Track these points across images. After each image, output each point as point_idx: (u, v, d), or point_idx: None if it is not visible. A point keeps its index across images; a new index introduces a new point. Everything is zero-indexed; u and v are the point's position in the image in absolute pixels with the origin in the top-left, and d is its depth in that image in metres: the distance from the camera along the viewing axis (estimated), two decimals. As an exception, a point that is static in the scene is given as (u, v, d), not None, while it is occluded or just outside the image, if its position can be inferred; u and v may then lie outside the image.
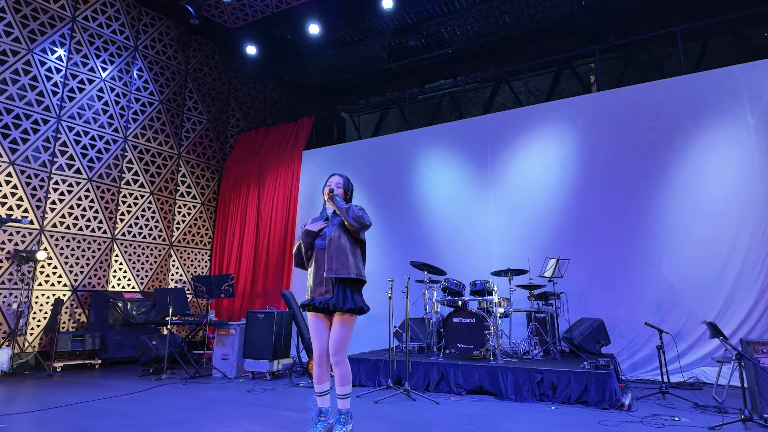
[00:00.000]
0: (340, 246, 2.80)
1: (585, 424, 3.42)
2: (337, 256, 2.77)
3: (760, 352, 3.33)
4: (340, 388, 2.72)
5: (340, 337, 2.70)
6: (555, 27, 8.82)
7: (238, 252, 8.64)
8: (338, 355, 2.70)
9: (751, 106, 5.44)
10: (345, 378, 2.71)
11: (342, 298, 2.74)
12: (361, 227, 2.84)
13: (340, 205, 2.86)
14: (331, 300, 2.76)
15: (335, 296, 2.76)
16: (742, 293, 5.12)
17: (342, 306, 2.72)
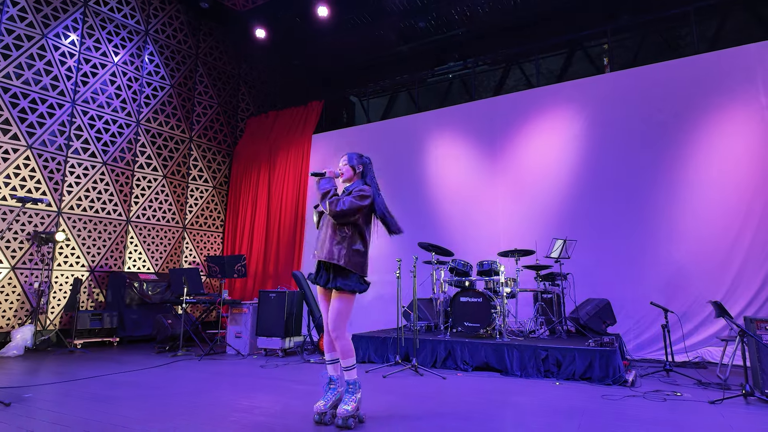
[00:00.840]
0: (327, 233, 2.84)
1: (588, 398, 3.50)
2: (324, 241, 2.83)
3: (763, 329, 3.37)
4: (343, 361, 2.81)
5: (335, 312, 2.78)
6: (568, 7, 8.67)
7: (250, 234, 8.79)
8: (336, 330, 2.78)
9: (765, 85, 5.37)
10: (345, 352, 2.80)
11: (326, 278, 2.81)
12: (335, 216, 2.76)
13: (320, 188, 2.84)
14: (317, 278, 2.86)
15: (322, 275, 2.84)
16: (749, 274, 5.13)
17: (325, 285, 2.81)
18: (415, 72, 11.31)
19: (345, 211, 2.74)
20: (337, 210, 2.74)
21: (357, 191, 2.84)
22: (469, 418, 2.96)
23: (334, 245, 2.78)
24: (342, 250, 2.77)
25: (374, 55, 10.56)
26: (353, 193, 2.83)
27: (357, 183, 2.96)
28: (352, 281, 2.77)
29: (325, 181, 2.86)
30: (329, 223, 2.85)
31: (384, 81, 11.49)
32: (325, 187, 2.82)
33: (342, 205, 2.74)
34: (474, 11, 9.11)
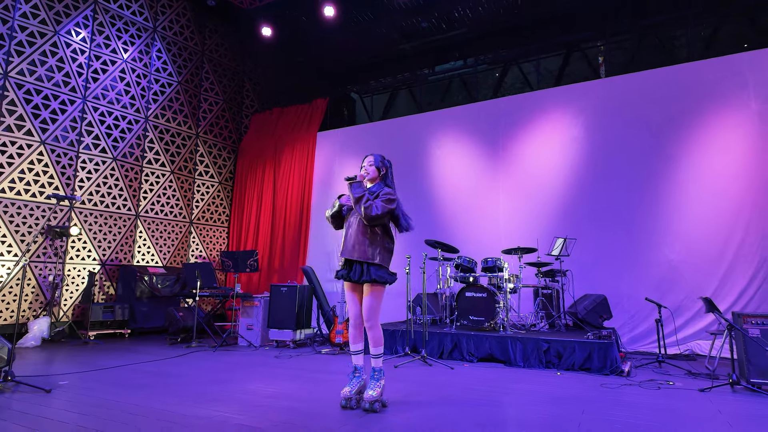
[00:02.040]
0: (357, 233, 3.04)
1: (588, 386, 3.78)
2: (355, 241, 3.03)
3: (749, 323, 3.65)
4: (373, 349, 3.05)
5: (368, 305, 3.01)
6: (567, 8, 8.89)
7: (255, 229, 8.98)
8: (369, 320, 3.02)
9: (756, 92, 5.65)
10: (376, 340, 3.04)
11: (359, 272, 3.02)
12: (368, 219, 2.96)
13: (354, 193, 3.02)
14: (351, 274, 3.06)
15: (353, 271, 3.05)
16: (738, 272, 5.43)
17: (358, 279, 3.02)
18: (416, 70, 11.52)
19: (379, 215, 2.95)
20: (372, 214, 2.95)
21: (384, 195, 3.04)
22: (480, 404, 3.22)
23: (368, 246, 2.99)
24: (376, 249, 3.00)
25: (376, 53, 10.71)
26: (380, 196, 3.03)
27: (379, 185, 3.17)
28: (385, 273, 3.00)
29: (357, 187, 3.05)
30: (359, 224, 3.05)
31: (385, 79, 11.67)
32: (359, 192, 3.02)
33: (376, 210, 2.95)
34: (475, 12, 9.29)
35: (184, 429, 2.58)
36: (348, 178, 3.09)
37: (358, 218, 3.08)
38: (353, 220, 3.11)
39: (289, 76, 10.92)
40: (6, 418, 2.76)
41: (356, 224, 3.07)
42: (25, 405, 3.05)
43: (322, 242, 8.28)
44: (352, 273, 3.05)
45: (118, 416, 2.82)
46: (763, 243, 5.37)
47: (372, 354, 3.06)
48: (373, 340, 3.04)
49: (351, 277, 3.06)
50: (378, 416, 2.87)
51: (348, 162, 8.37)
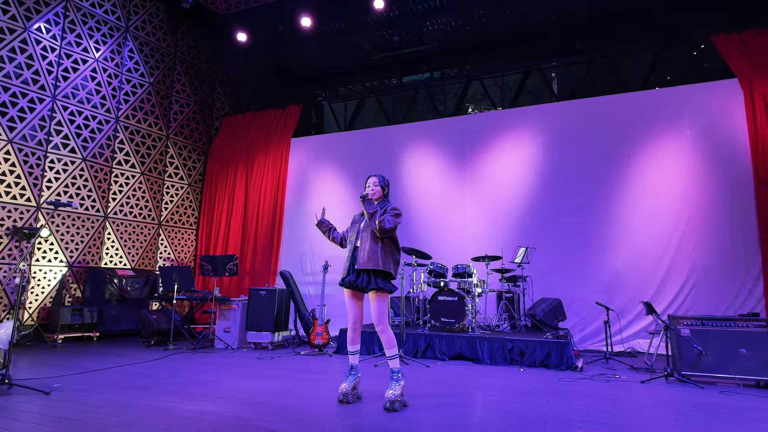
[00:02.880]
0: (370, 244, 3.35)
1: (549, 380, 4.29)
2: (369, 252, 3.33)
3: (681, 325, 4.29)
4: (388, 351, 3.35)
5: (377, 310, 3.33)
6: (528, 31, 9.56)
7: (226, 233, 9.05)
8: (380, 324, 3.34)
9: (690, 121, 6.46)
10: (389, 343, 3.34)
11: (366, 281, 3.35)
12: (381, 232, 3.29)
13: (368, 209, 3.35)
14: (358, 280, 3.37)
15: (361, 279, 3.36)
16: (673, 278, 6.19)
17: (366, 287, 3.35)
18: (384, 80, 11.94)
19: (391, 228, 3.29)
20: (386, 227, 3.27)
21: (391, 210, 3.38)
22: (461, 396, 3.63)
23: (380, 256, 3.30)
24: (387, 259, 3.33)
25: (348, 62, 11.03)
26: (389, 211, 3.37)
27: (383, 202, 3.50)
28: (389, 283, 3.34)
29: (370, 204, 3.37)
30: (372, 237, 3.37)
31: (355, 86, 12.01)
32: (372, 208, 3.34)
33: (389, 224, 3.28)
34: (444, 28, 9.81)
35: (198, 423, 2.81)
36: (363, 197, 3.40)
37: (369, 232, 3.39)
38: (365, 235, 3.40)
39: (261, 81, 11.02)
40: (21, 419, 2.88)
41: (369, 238, 3.38)
42: (33, 407, 3.16)
43: (294, 246, 8.49)
44: (359, 280, 3.35)
45: (130, 414, 3.00)
46: (694, 254, 6.15)
47: (388, 356, 3.34)
48: (387, 343, 3.33)
49: (359, 285, 3.36)
50: (377, 411, 3.21)
51: (322, 169, 8.64)
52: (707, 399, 3.63)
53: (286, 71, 11.44)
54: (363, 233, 3.45)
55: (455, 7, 8.73)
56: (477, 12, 9.00)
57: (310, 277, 8.17)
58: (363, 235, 3.44)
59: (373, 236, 3.39)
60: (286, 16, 8.78)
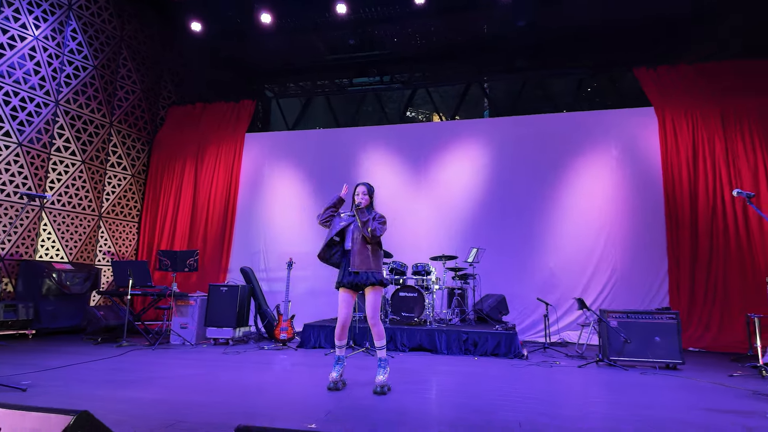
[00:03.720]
0: (361, 249, 3.65)
1: (502, 367, 4.83)
2: (359, 255, 3.63)
3: (611, 317, 5.03)
4: (378, 342, 3.66)
5: (372, 305, 3.64)
6: (474, 47, 10.25)
7: (172, 227, 8.78)
8: (373, 318, 3.65)
9: (615, 142, 7.41)
10: (379, 335, 3.66)
11: (365, 278, 3.64)
12: (373, 239, 3.67)
13: (362, 218, 3.66)
14: (357, 279, 3.65)
15: (359, 277, 3.65)
16: (598, 278, 7.09)
17: (365, 282, 3.64)
18: (335, 80, 12.15)
19: (380, 234, 3.65)
20: (378, 234, 3.62)
21: (379, 217, 3.72)
22: (431, 382, 4.04)
23: (371, 259, 3.62)
24: (377, 260, 3.67)
25: (302, 60, 11.09)
26: (377, 218, 3.70)
27: (370, 209, 3.79)
28: (382, 277, 3.68)
29: (362, 213, 3.68)
30: (362, 242, 3.66)
31: (305, 83, 12.10)
32: (366, 217, 3.65)
33: (379, 231, 3.63)
34: (399, 37, 10.24)
35: (206, 409, 2.95)
36: (358, 207, 3.70)
37: (360, 237, 3.67)
38: (356, 240, 3.68)
39: (212, 72, 10.74)
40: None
41: (360, 243, 3.66)
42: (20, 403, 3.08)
43: (248, 243, 8.48)
44: (357, 278, 3.63)
45: (129, 408, 3.05)
46: (615, 257, 7.10)
47: (377, 346, 3.67)
48: (378, 335, 3.66)
49: (358, 282, 3.64)
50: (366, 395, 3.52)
51: (279, 165, 8.70)
52: (630, 378, 4.35)
53: (237, 64, 11.24)
54: (354, 238, 3.73)
55: (410, 17, 9.15)
56: (429, 25, 9.50)
57: (264, 274, 8.20)
58: (354, 240, 3.72)
59: (363, 241, 3.69)
60: (245, 10, 8.70)
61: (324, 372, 4.24)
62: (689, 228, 6.80)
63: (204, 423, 2.71)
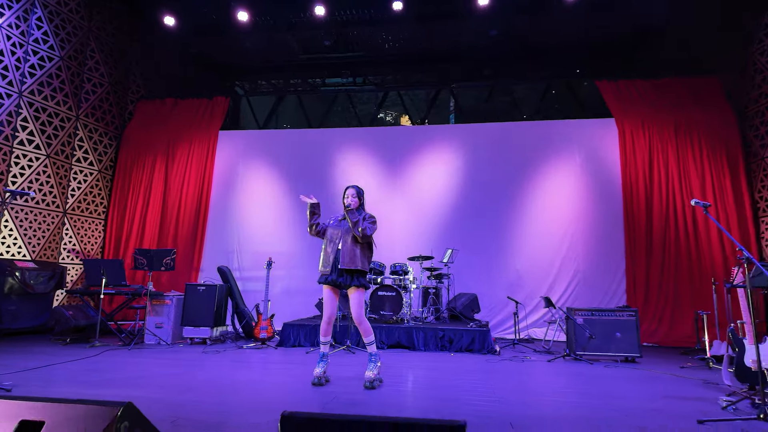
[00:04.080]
0: (351, 247, 3.79)
1: (478, 362, 5.10)
2: (348, 253, 3.78)
3: (577, 315, 5.40)
4: (366, 338, 3.81)
5: (357, 305, 3.79)
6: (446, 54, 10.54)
7: (141, 225, 8.57)
8: (358, 317, 3.79)
9: (578, 150, 7.87)
10: (366, 331, 3.81)
11: (348, 280, 3.80)
12: (363, 238, 3.82)
13: (352, 219, 3.81)
14: (340, 279, 3.80)
15: (344, 278, 3.80)
16: (561, 278, 7.52)
17: (349, 284, 3.79)
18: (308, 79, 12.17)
19: (370, 234, 3.79)
20: (368, 233, 3.77)
21: (369, 218, 3.87)
22: (415, 376, 4.23)
23: (359, 259, 3.76)
24: (364, 260, 3.79)
25: (277, 58, 11.06)
26: (367, 219, 3.85)
27: (360, 210, 3.94)
28: (365, 280, 3.82)
29: (352, 214, 3.83)
30: (353, 241, 3.80)
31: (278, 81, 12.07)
32: (356, 217, 3.79)
33: (370, 231, 3.78)
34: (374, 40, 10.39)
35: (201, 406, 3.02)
36: (347, 208, 3.84)
37: (350, 236, 3.82)
38: (345, 239, 3.82)
39: (183, 67, 10.53)
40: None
41: (350, 241, 3.81)
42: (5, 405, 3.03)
43: (221, 242, 8.40)
44: (341, 279, 3.77)
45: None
46: (577, 260, 7.55)
47: (366, 342, 3.82)
48: (365, 332, 3.81)
49: (341, 283, 3.78)
50: (357, 389, 3.67)
51: (254, 164, 8.67)
52: (596, 371, 4.71)
53: (208, 60, 11.06)
54: (344, 237, 3.87)
55: (387, 22, 9.31)
56: (405, 31, 9.70)
57: (238, 273, 8.15)
58: (344, 239, 3.86)
59: (353, 240, 3.84)
60: (220, 6, 8.60)
61: (307, 369, 4.35)
62: (645, 233, 7.33)
63: (201, 421, 2.79)
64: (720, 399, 3.41)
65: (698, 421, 2.90)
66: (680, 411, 3.22)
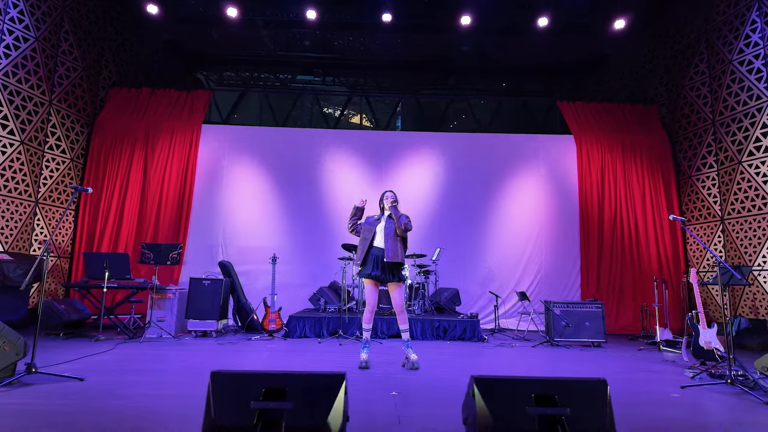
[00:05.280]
0: (393, 243, 4.31)
1: (473, 348, 5.80)
2: (392, 248, 4.29)
3: (555, 307, 6.29)
4: (402, 326, 4.32)
5: (399, 296, 4.30)
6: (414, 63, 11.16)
7: (117, 218, 8.33)
8: (398, 307, 4.30)
9: (543, 161, 8.89)
10: (405, 321, 4.34)
11: (390, 275, 4.31)
12: (405, 231, 4.37)
13: (396, 214, 4.36)
14: (382, 274, 4.29)
15: (386, 273, 4.30)
16: (527, 274, 8.49)
17: (393, 278, 4.30)
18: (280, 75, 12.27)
19: (410, 228, 4.35)
20: (410, 228, 4.31)
21: (405, 216, 4.38)
22: (435, 360, 4.83)
23: (400, 252, 4.29)
24: (403, 254, 4.31)
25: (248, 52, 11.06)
26: (403, 217, 4.36)
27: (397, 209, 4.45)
28: (404, 274, 4.33)
29: (396, 210, 4.37)
30: (393, 237, 4.29)
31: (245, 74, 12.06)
32: (397, 213, 4.35)
33: (409, 226, 4.31)
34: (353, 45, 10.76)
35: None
36: (392, 204, 4.40)
37: (391, 233, 4.31)
38: (387, 236, 4.31)
39: (156, 54, 10.22)
40: (105, 399, 3.00)
41: (391, 238, 4.30)
42: (97, 391, 3.20)
43: (205, 236, 8.42)
44: (383, 274, 4.26)
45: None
46: (540, 258, 8.56)
47: (402, 330, 4.34)
48: (403, 321, 4.33)
49: (383, 278, 4.27)
50: (402, 371, 4.18)
51: (239, 160, 8.75)
52: (575, 354, 5.59)
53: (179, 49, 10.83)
54: (385, 234, 4.37)
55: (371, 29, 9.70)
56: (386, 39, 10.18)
57: (223, 267, 8.24)
58: (385, 236, 4.37)
59: (394, 236, 4.36)
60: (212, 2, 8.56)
61: (332, 358, 4.80)
62: (597, 236, 8.49)
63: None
64: (686, 371, 4.37)
65: (681, 386, 3.78)
66: (658, 379, 4.11)
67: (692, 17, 8.38)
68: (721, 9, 7.81)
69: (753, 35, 7.25)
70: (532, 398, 1.89)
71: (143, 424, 2.56)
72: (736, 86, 7.50)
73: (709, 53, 8.06)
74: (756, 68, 7.16)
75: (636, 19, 8.58)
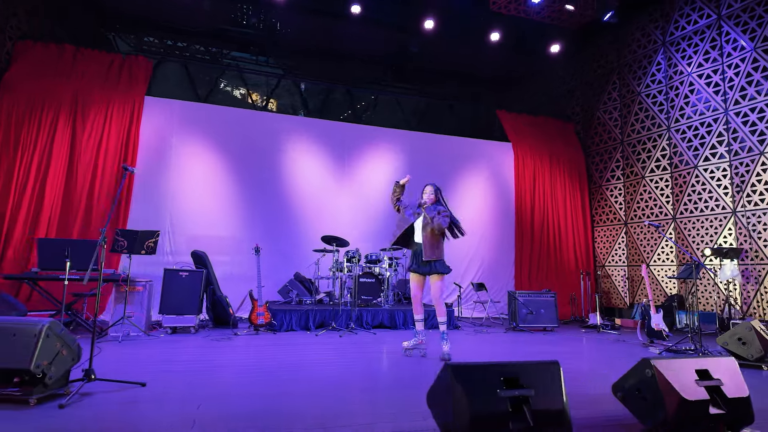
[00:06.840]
0: (430, 240, 4.50)
1: (453, 335, 6.26)
2: (431, 246, 4.48)
3: (518, 296, 7.07)
4: (440, 318, 4.51)
5: (439, 290, 4.50)
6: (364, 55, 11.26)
7: (36, 195, 6.98)
8: (438, 300, 4.50)
9: (487, 165, 9.75)
10: (442, 312, 4.53)
11: (432, 269, 4.51)
12: (439, 230, 4.54)
13: (429, 213, 4.53)
14: (422, 268, 4.48)
15: (427, 268, 4.49)
16: (472, 267, 9.29)
17: (431, 272, 4.51)
18: (210, 48, 11.32)
19: (446, 227, 4.49)
20: (443, 227, 4.49)
21: (443, 211, 4.57)
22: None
23: (438, 249, 4.49)
24: (441, 250, 4.54)
25: (194, 23, 10.06)
26: (441, 213, 4.55)
27: (435, 206, 4.63)
28: (445, 267, 4.54)
29: (429, 210, 4.53)
30: (430, 234, 4.49)
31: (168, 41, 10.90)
32: (432, 212, 4.52)
33: (444, 224, 4.49)
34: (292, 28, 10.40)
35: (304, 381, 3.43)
36: (423, 205, 4.51)
37: (428, 231, 4.49)
38: (425, 233, 4.50)
39: (68, 8, 8.69)
40: (178, 403, 2.75)
41: (429, 235, 4.48)
42: (169, 396, 2.88)
43: (149, 222, 7.42)
44: (426, 269, 4.44)
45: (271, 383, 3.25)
46: (484, 253, 9.42)
47: (440, 321, 4.53)
48: (441, 314, 4.53)
49: (423, 271, 4.45)
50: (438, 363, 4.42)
51: (189, 139, 7.97)
52: (539, 336, 6.40)
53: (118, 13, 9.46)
54: (424, 231, 4.57)
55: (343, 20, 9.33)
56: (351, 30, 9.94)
57: (170, 257, 7.48)
58: (424, 233, 4.56)
59: (432, 233, 4.57)
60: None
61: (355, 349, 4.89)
62: (529, 234, 9.63)
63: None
64: (650, 349, 5.39)
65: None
66: (624, 353, 5.01)
67: (608, 52, 9.94)
68: (633, 48, 9.42)
69: (657, 74, 8.90)
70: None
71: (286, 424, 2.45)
72: (642, 114, 9.15)
73: (621, 84, 9.66)
74: (659, 101, 8.82)
75: (568, 46, 9.86)
